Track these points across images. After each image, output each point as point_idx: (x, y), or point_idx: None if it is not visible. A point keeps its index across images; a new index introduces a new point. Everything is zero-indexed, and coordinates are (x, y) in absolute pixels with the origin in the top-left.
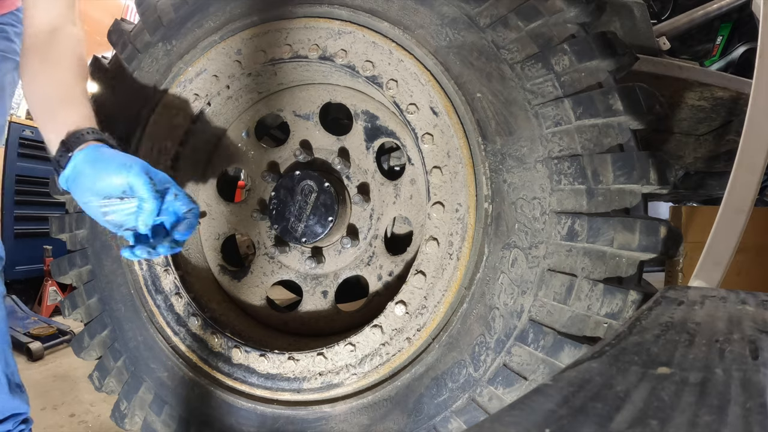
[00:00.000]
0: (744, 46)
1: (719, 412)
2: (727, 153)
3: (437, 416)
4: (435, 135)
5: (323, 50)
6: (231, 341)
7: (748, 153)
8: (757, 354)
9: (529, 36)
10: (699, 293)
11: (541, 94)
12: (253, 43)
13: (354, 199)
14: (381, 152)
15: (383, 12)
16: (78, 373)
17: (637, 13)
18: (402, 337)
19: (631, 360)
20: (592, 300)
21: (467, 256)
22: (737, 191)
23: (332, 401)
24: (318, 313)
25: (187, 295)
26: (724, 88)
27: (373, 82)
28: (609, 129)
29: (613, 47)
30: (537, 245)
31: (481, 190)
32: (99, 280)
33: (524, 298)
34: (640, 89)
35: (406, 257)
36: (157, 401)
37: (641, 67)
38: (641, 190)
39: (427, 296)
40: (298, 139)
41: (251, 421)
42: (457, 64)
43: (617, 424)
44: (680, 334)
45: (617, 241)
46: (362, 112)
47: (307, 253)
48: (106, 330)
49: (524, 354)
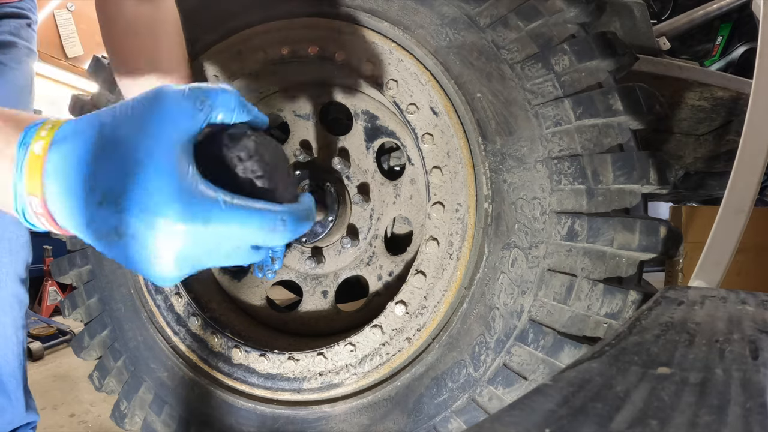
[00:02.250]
0: (744, 46)
1: (719, 412)
2: (727, 153)
3: (437, 416)
4: (435, 135)
5: (323, 50)
6: (231, 341)
7: (748, 153)
8: (757, 354)
9: (529, 36)
10: (699, 293)
11: (541, 94)
12: (253, 42)
13: (354, 199)
14: (381, 152)
15: (383, 12)
16: (78, 373)
17: (637, 13)
18: (402, 337)
19: (631, 360)
20: (592, 300)
21: (467, 256)
22: (737, 191)
23: (332, 401)
24: (318, 313)
25: (187, 295)
26: (724, 88)
27: (373, 82)
28: (609, 129)
29: (613, 47)
30: (537, 245)
31: (481, 190)
32: (99, 280)
33: (524, 298)
34: (640, 89)
35: (406, 257)
36: (157, 401)
37: (641, 67)
38: (641, 190)
39: (427, 296)
40: (298, 139)
41: (251, 421)
42: (457, 64)
43: (617, 424)
44: (680, 334)
45: (617, 241)
46: (362, 112)
47: (307, 253)
48: (106, 330)
49: (524, 354)
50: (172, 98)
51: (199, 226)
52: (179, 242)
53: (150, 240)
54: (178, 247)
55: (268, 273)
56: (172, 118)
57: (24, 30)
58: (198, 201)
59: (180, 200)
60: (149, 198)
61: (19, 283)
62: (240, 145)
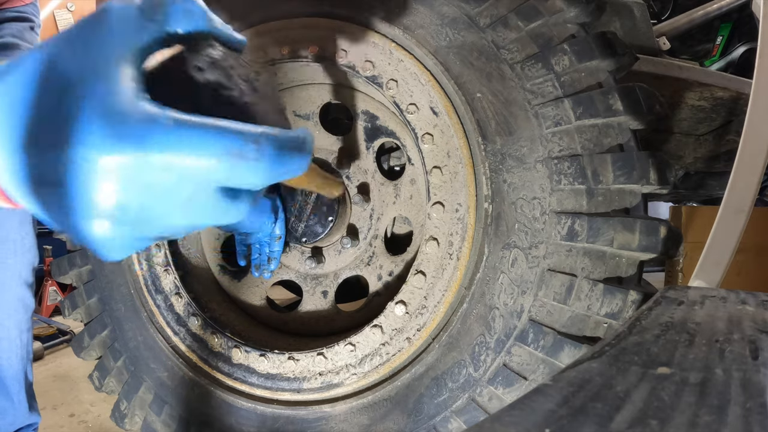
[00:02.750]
0: (744, 46)
1: (719, 412)
2: (727, 153)
3: (437, 416)
4: (435, 135)
5: (323, 50)
6: (231, 341)
7: (748, 153)
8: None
9: (529, 36)
10: (699, 293)
11: (541, 94)
12: (253, 42)
13: (354, 199)
14: (381, 152)
15: (383, 12)
16: (78, 373)
17: (637, 13)
18: (402, 337)
19: (631, 360)
20: (592, 300)
21: (467, 256)
22: (737, 191)
23: (332, 401)
24: (318, 313)
25: (187, 295)
26: (724, 88)
27: (373, 82)
28: (609, 129)
29: (613, 47)
30: (537, 245)
31: (481, 190)
32: (99, 280)
33: (524, 298)
34: (640, 89)
35: (406, 257)
36: (157, 401)
37: (641, 67)
38: (641, 190)
39: (427, 296)
40: None
41: (251, 421)
42: (457, 64)
43: (617, 424)
44: (680, 334)
45: (617, 241)
46: (362, 112)
47: (307, 253)
48: (106, 330)
49: (524, 354)
50: (115, 10)
51: (137, 154)
52: (114, 180)
53: (77, 186)
54: (113, 188)
55: (264, 272)
56: (114, 32)
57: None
58: (135, 122)
59: (110, 124)
60: (77, 129)
61: (25, 286)
62: (200, 54)
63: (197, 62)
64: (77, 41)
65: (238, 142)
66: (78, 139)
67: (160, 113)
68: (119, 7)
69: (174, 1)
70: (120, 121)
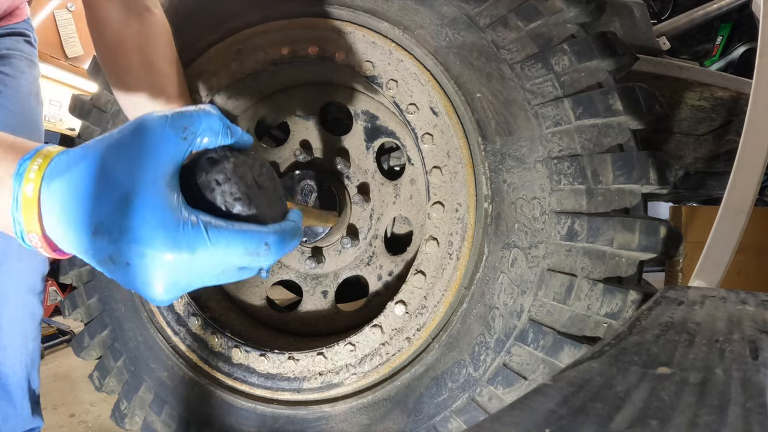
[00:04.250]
0: (744, 46)
1: (719, 412)
2: (727, 153)
3: (437, 416)
4: (435, 135)
5: (323, 50)
6: (231, 341)
7: (748, 153)
8: (757, 354)
9: (528, 36)
10: (699, 293)
11: (540, 94)
12: (253, 42)
13: (354, 199)
14: (381, 152)
15: (383, 12)
16: (78, 373)
17: (637, 13)
18: (402, 336)
19: (631, 360)
20: (592, 300)
21: (467, 255)
22: (737, 191)
23: (332, 401)
24: (318, 313)
25: (187, 294)
26: (724, 88)
27: (372, 82)
28: (609, 129)
29: (613, 47)
30: (537, 245)
31: (481, 190)
32: (99, 280)
33: (524, 298)
34: (640, 89)
35: (406, 257)
36: (157, 401)
37: (641, 67)
38: (641, 190)
39: (426, 296)
40: (298, 139)
41: (251, 420)
42: (456, 64)
43: (617, 424)
44: (680, 334)
45: (617, 241)
46: (362, 112)
47: (307, 252)
48: (106, 330)
49: (524, 354)
50: (155, 129)
51: (185, 254)
52: (169, 270)
53: (142, 268)
54: (168, 274)
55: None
56: (156, 149)
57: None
58: (183, 231)
59: (166, 231)
60: (138, 230)
61: (30, 294)
62: (218, 169)
63: (216, 176)
64: (126, 153)
65: (254, 244)
66: (146, 242)
67: (201, 223)
68: (156, 125)
69: (200, 119)
70: (176, 231)
